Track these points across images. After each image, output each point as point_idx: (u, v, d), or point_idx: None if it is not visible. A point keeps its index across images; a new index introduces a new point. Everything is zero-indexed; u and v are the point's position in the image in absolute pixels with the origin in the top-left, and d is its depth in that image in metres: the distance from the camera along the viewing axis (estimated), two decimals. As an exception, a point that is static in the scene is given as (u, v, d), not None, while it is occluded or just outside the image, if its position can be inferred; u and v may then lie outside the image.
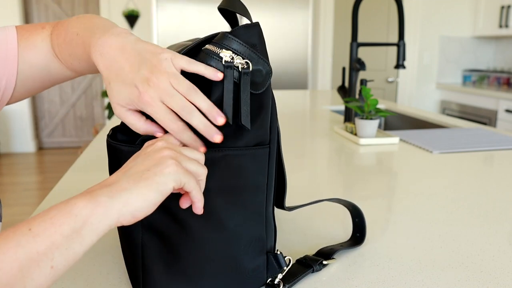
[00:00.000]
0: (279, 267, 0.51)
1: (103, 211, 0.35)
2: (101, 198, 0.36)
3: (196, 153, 0.44)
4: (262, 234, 0.50)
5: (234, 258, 0.48)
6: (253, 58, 0.46)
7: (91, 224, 0.35)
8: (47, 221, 0.33)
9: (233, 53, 0.45)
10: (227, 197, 0.46)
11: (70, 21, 0.57)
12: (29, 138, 4.61)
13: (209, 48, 0.46)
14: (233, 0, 0.48)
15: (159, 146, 0.42)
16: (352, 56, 1.63)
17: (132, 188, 0.37)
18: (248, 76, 0.44)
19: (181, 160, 0.41)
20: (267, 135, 0.48)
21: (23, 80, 0.59)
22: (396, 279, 0.55)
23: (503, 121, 3.26)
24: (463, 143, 1.31)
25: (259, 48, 0.47)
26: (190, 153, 0.43)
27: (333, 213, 0.76)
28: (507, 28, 3.55)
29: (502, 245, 0.65)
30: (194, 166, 0.42)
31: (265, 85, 0.46)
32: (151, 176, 0.38)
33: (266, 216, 0.50)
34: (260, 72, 0.46)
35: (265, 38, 4.21)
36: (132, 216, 0.37)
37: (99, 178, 0.95)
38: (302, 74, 4.39)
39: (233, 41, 0.45)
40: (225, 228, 0.47)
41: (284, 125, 1.63)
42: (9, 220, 2.90)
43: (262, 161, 0.48)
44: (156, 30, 4.04)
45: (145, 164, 0.40)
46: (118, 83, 0.45)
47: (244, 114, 0.44)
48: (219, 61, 0.45)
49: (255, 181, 0.48)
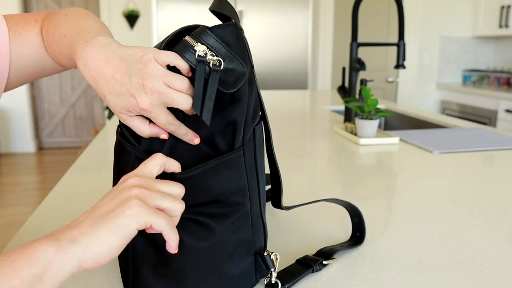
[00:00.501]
0: (267, 269, 0.51)
1: (63, 257, 0.34)
2: (63, 242, 0.34)
3: (174, 186, 0.42)
4: (249, 236, 0.50)
5: (221, 262, 0.48)
6: (227, 56, 0.47)
7: (51, 269, 0.33)
8: (7, 264, 0.32)
9: (207, 49, 0.46)
10: (210, 206, 0.46)
11: (59, 17, 0.55)
12: (29, 138, 4.61)
13: (187, 40, 0.47)
14: (222, 3, 0.49)
15: (129, 183, 0.40)
16: (352, 56, 1.63)
17: (93, 233, 0.35)
18: (217, 74, 0.45)
19: (149, 199, 0.39)
20: (240, 137, 0.48)
21: (16, 73, 0.60)
22: (396, 279, 0.55)
23: (503, 121, 3.26)
24: (463, 143, 1.31)
25: (234, 47, 0.47)
26: (166, 187, 0.41)
27: (333, 213, 0.76)
28: (507, 28, 3.55)
29: (502, 245, 0.65)
30: (167, 203, 0.40)
31: (237, 86, 0.46)
32: (111, 219, 0.36)
33: (252, 217, 0.50)
34: (232, 72, 0.47)
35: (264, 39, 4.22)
36: (94, 262, 0.35)
37: (99, 178, 0.95)
38: (302, 74, 4.39)
39: (209, 37, 0.46)
40: (211, 235, 0.47)
41: (284, 125, 1.63)
42: (9, 220, 2.90)
43: (238, 164, 0.48)
44: (156, 30, 4.04)
45: (111, 204, 0.38)
46: (114, 94, 0.45)
47: (206, 109, 0.44)
48: (192, 54, 0.46)
49: (236, 186, 0.48)
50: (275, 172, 0.55)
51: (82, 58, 0.46)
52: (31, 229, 0.69)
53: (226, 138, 0.47)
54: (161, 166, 0.43)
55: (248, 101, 0.48)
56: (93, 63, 0.45)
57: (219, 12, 0.48)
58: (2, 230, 2.76)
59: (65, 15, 0.55)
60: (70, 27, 0.52)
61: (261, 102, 0.52)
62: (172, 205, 0.40)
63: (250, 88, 0.48)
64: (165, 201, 0.40)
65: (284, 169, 1.04)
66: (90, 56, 0.46)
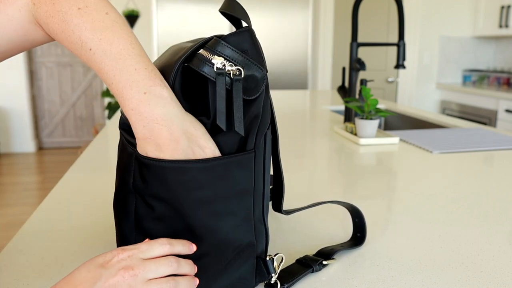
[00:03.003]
0: (268, 273, 0.51)
1: None
2: None
3: (165, 263, 0.42)
4: (251, 240, 0.50)
5: (222, 265, 0.48)
6: (246, 64, 0.46)
7: None
8: None
9: (224, 60, 0.45)
10: (214, 206, 0.46)
11: (70, 8, 0.43)
12: (29, 138, 4.61)
13: (202, 54, 0.46)
14: (233, 4, 0.48)
15: (117, 267, 0.40)
16: (352, 56, 1.63)
17: None
18: (240, 83, 0.44)
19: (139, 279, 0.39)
20: (252, 140, 0.48)
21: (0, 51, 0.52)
22: (396, 279, 0.55)
23: (503, 121, 3.26)
24: (463, 143, 1.30)
25: (251, 53, 0.47)
26: (157, 267, 0.42)
27: (333, 214, 0.76)
28: (507, 28, 3.55)
29: (502, 245, 0.65)
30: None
31: (258, 91, 0.46)
32: None
33: (255, 220, 0.50)
34: (253, 78, 0.46)
35: (264, 39, 4.22)
36: None
37: (99, 178, 0.95)
38: (302, 74, 4.39)
39: (225, 47, 0.45)
40: (213, 237, 0.47)
41: (284, 125, 1.63)
42: (9, 220, 2.90)
43: (247, 166, 0.48)
44: (156, 30, 4.04)
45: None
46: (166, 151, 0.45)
47: (237, 120, 0.44)
48: (211, 67, 0.45)
49: (242, 187, 0.47)
50: (279, 176, 0.55)
51: (140, 114, 0.43)
52: (31, 229, 0.69)
53: (241, 140, 0.47)
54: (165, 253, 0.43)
55: (264, 104, 0.48)
56: (153, 124, 0.43)
57: (230, 14, 0.48)
58: (2, 230, 2.76)
59: (78, 9, 0.44)
60: (97, 41, 0.42)
61: (271, 105, 0.52)
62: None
63: (266, 92, 0.48)
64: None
65: (284, 169, 1.04)
66: (152, 117, 0.43)
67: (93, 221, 0.72)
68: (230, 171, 0.46)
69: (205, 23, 4.12)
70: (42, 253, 0.61)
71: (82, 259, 0.60)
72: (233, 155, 0.46)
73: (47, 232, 0.68)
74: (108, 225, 0.71)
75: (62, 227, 0.70)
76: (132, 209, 0.48)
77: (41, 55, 4.74)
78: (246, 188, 0.48)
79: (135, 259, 0.40)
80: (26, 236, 0.67)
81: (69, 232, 0.68)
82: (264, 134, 0.50)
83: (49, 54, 4.76)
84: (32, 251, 0.62)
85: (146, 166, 0.45)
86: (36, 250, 0.62)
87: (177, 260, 0.43)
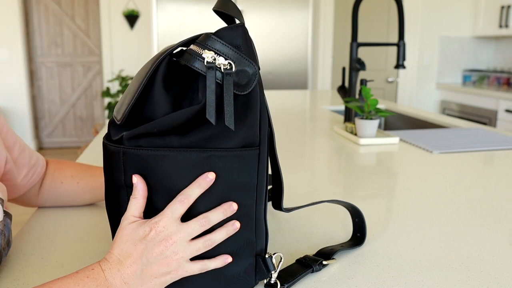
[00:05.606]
0: (268, 271, 0.51)
1: None
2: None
3: (201, 221, 0.46)
4: (251, 237, 0.50)
5: None
6: (237, 59, 0.46)
7: None
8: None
9: (215, 54, 0.45)
10: (214, 199, 0.46)
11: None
12: (29, 138, 4.61)
13: (193, 49, 0.46)
14: (226, 2, 0.48)
15: (165, 237, 0.45)
16: (352, 56, 1.63)
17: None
18: (230, 77, 0.44)
19: (190, 253, 0.45)
20: (257, 136, 0.48)
21: None
22: (396, 279, 0.55)
23: (503, 121, 3.26)
24: (463, 143, 1.31)
25: (243, 48, 0.47)
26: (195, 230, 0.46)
27: (334, 214, 0.76)
28: (507, 28, 3.55)
29: (502, 245, 0.65)
30: (203, 248, 0.46)
31: (250, 86, 0.46)
32: (168, 280, 0.46)
33: (256, 218, 0.50)
34: (245, 73, 0.46)
35: (264, 39, 4.22)
36: None
37: (99, 178, 0.95)
38: (302, 74, 4.39)
39: (216, 42, 0.46)
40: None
41: (284, 125, 1.63)
42: (9, 220, 2.90)
43: (251, 163, 0.47)
44: (156, 30, 4.04)
45: (154, 269, 0.44)
46: None
47: (228, 114, 0.43)
48: (201, 62, 0.45)
49: (244, 183, 0.47)
50: (277, 174, 0.55)
51: None
52: (31, 229, 0.69)
53: (245, 136, 0.47)
54: None
55: (261, 101, 0.48)
56: None
57: (224, 12, 0.48)
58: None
59: None
60: None
61: (266, 103, 0.52)
62: (205, 246, 0.46)
63: (261, 89, 0.48)
64: (203, 247, 0.46)
65: (284, 169, 1.04)
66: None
67: (93, 221, 0.72)
68: (230, 164, 0.46)
69: (205, 23, 4.12)
70: (42, 253, 0.61)
71: (82, 259, 0.60)
72: (234, 149, 0.46)
73: (47, 232, 0.68)
74: (108, 224, 0.71)
75: (62, 227, 0.70)
76: (125, 204, 0.48)
77: (41, 55, 4.74)
78: (248, 184, 0.48)
79: (171, 228, 0.45)
80: (26, 236, 0.67)
81: (69, 232, 0.68)
82: (267, 130, 0.50)
83: (49, 54, 4.76)
84: (32, 251, 0.62)
85: (137, 158, 0.45)
86: (36, 250, 0.62)
87: (205, 216, 0.46)
